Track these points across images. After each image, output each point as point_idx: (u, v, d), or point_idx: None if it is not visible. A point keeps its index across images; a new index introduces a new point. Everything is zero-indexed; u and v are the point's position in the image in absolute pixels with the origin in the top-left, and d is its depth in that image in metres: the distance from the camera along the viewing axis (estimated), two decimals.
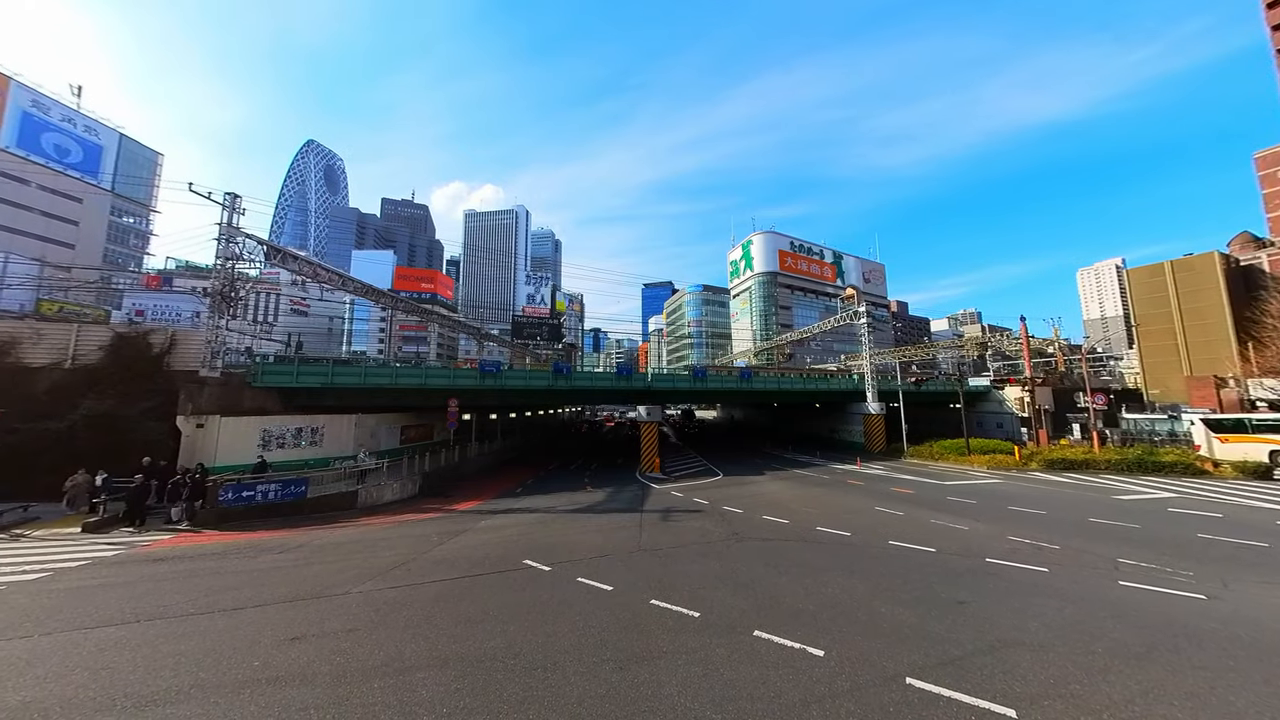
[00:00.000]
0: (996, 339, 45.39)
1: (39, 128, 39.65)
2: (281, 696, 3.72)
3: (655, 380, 26.24)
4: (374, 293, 23.11)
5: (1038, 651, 4.43)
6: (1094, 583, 6.37)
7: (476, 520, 11.62)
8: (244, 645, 4.69)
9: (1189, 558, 7.39)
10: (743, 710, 3.50)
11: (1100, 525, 9.65)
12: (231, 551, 8.80)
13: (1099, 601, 5.69)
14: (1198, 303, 37.99)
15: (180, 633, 5.07)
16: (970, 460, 20.37)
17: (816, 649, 4.42)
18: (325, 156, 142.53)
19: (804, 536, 9.06)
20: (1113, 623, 5.05)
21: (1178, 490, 13.52)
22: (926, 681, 3.84)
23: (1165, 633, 4.79)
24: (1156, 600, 5.74)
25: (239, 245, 16.02)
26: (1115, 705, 3.56)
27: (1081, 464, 17.86)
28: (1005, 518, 10.46)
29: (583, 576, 6.81)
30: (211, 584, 6.85)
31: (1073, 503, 12.07)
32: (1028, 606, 5.54)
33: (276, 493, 12.19)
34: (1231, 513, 10.64)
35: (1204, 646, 4.50)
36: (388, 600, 5.99)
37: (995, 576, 6.64)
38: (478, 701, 3.64)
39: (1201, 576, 6.53)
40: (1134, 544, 8.19)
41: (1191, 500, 12.06)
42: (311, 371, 16.84)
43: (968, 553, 7.79)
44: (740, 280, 74.63)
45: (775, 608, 5.52)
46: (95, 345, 15.62)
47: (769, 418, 44.04)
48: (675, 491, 15.43)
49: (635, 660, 4.29)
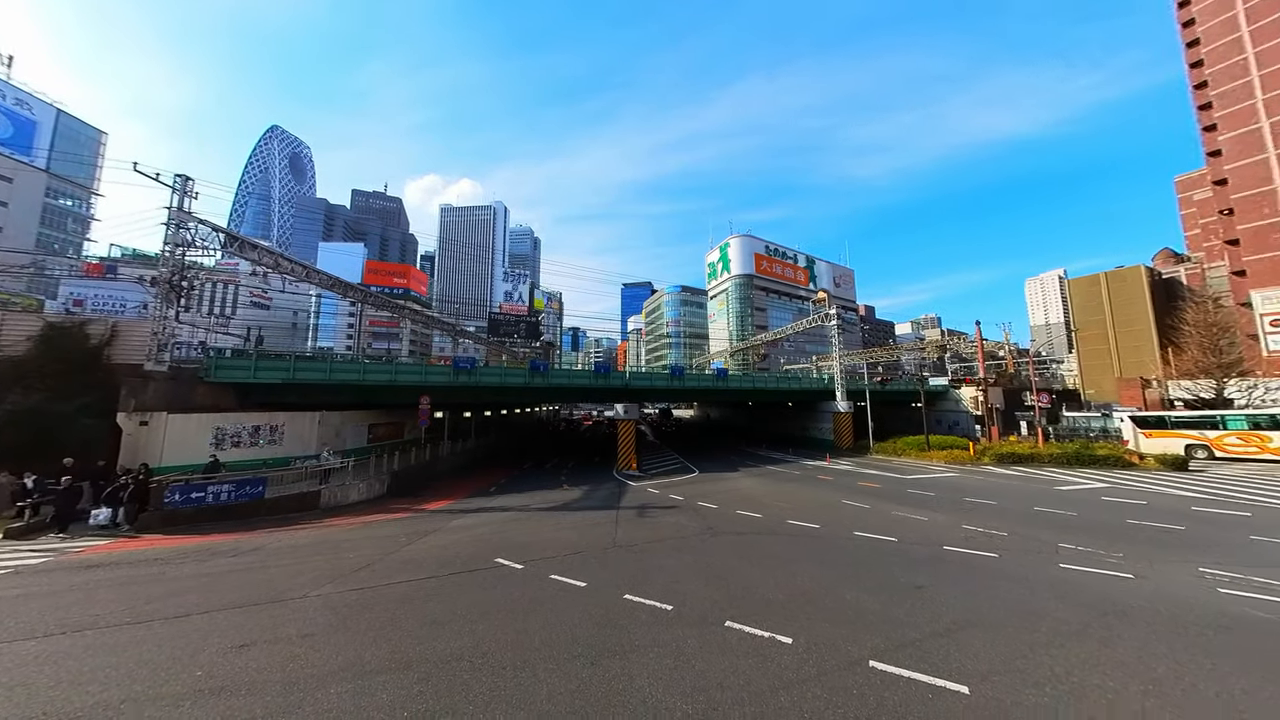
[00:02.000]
0: (954, 342, 48.13)
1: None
2: (224, 707, 3.48)
3: (633, 379, 26.22)
4: (342, 286, 22.06)
5: (988, 631, 4.69)
6: (1038, 566, 6.81)
7: (447, 520, 11.27)
8: (185, 655, 4.36)
9: (1119, 541, 8.02)
10: (713, 699, 3.51)
11: (1043, 513, 10.35)
12: (177, 556, 8.28)
13: (1042, 583, 6.09)
14: (1127, 311, 42.30)
15: (113, 644, 4.66)
16: (930, 456, 21.43)
17: (785, 637, 4.51)
18: (290, 143, 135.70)
19: (775, 530, 9.25)
20: (1055, 602, 5.40)
21: (1110, 481, 14.66)
22: (888, 664, 3.98)
23: (1099, 610, 5.19)
24: (1091, 580, 6.19)
25: (191, 231, 15.07)
26: (1056, 678, 3.81)
27: (1028, 458, 19.14)
28: (960, 508, 11.05)
29: (556, 574, 6.69)
30: (151, 591, 6.36)
31: (1020, 493, 12.89)
32: (980, 590, 5.86)
33: (231, 493, 11.58)
34: (1155, 500, 11.63)
35: (1133, 621, 4.90)
36: (349, 603, 5.74)
37: (951, 563, 6.99)
38: (441, 703, 3.50)
39: (1130, 558, 7.11)
40: (1072, 530, 8.83)
41: (1121, 490, 13.11)
42: (271, 367, 16.03)
43: (926, 541, 8.17)
44: (718, 282, 75.77)
45: (747, 598, 5.59)
46: (23, 335, 14.47)
47: (744, 417, 44.89)
48: (651, 488, 15.45)
49: (607, 655, 4.24)
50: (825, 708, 3.41)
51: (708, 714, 3.34)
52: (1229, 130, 34.74)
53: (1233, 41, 34.95)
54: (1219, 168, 35.16)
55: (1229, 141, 34.50)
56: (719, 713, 3.35)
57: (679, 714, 3.34)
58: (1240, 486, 13.19)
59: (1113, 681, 3.76)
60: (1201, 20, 36.39)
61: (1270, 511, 10.16)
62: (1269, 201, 32.58)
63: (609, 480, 17.66)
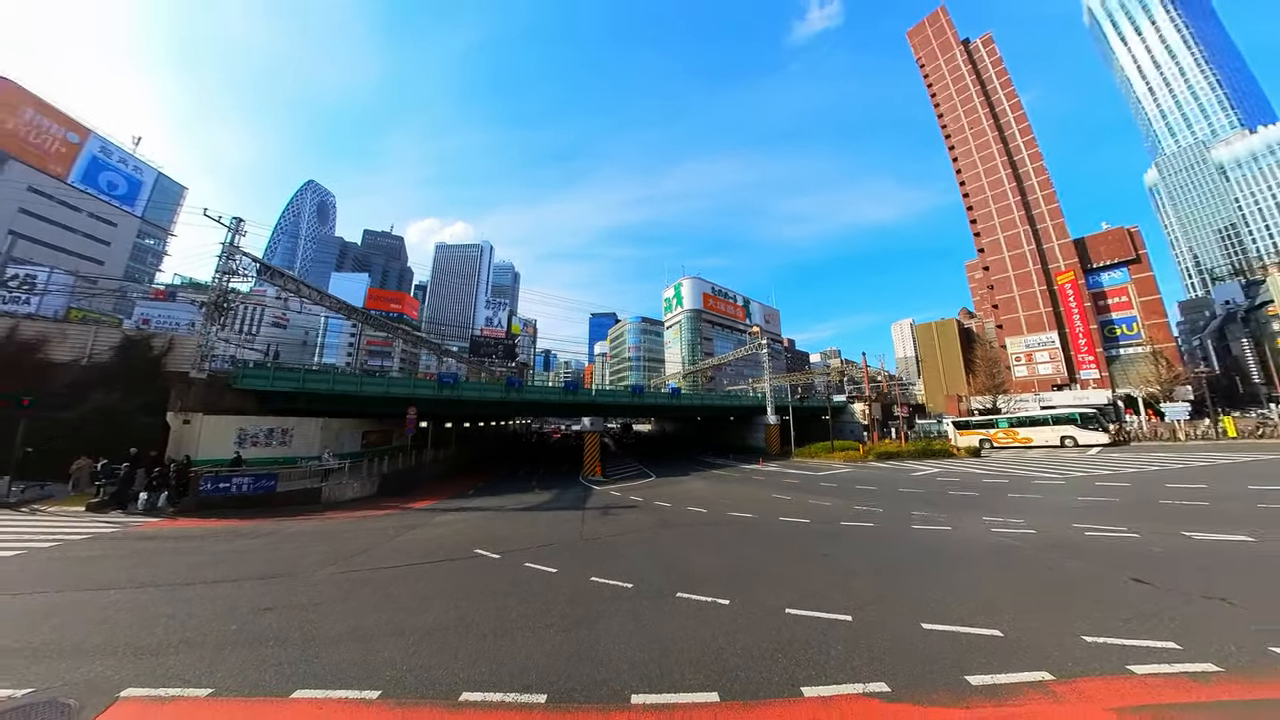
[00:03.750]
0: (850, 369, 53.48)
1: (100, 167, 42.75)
2: (258, 654, 3.74)
3: (598, 395, 26.21)
4: (348, 309, 21.98)
5: (867, 577, 5.42)
6: (900, 529, 7.88)
7: (431, 517, 10.84)
8: (223, 612, 4.68)
9: (945, 507, 9.56)
10: (665, 647, 3.75)
11: (904, 493, 11.87)
12: (210, 535, 8.71)
13: (902, 540, 7.14)
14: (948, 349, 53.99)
15: (168, 599, 5.12)
16: (834, 456, 23.31)
17: (724, 600, 4.83)
18: (320, 194, 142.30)
19: (719, 520, 9.63)
20: (908, 552, 6.45)
21: (941, 467, 17.23)
22: (799, 609, 4.45)
23: (931, 554, 6.38)
24: (929, 535, 7.40)
25: (236, 262, 15.88)
26: (906, 600, 4.62)
27: (895, 454, 21.58)
28: (853, 494, 12.20)
29: (530, 562, 6.59)
30: (192, 561, 6.81)
31: (890, 480, 14.56)
32: (864, 550, 6.67)
33: (249, 485, 11.99)
34: (963, 477, 14.04)
35: (947, 556, 6.28)
36: (349, 580, 5.86)
37: (846, 534, 7.79)
38: (434, 660, 3.60)
39: (949, 517, 8.58)
40: (920, 502, 10.34)
41: (947, 472, 15.58)
42: (285, 377, 16.31)
43: (830, 520, 8.99)
44: (672, 315, 78.39)
45: (695, 575, 5.86)
46: (108, 346, 15.94)
47: (694, 430, 45.82)
48: (614, 491, 15.32)
49: (576, 624, 4.33)
50: (752, 643, 3.78)
51: (660, 659, 3.56)
52: (985, 238, 47.41)
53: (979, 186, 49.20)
54: (983, 259, 48.30)
55: (986, 245, 47.86)
56: (669, 657, 3.59)
57: (637, 660, 3.53)
58: (1005, 465, 16.67)
59: (935, 595, 4.71)
60: (965, 172, 51.27)
61: (1018, 479, 13.05)
62: (1008, 285, 44.87)
63: (576, 485, 17.23)
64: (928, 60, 55.45)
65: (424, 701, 3.00)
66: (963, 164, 50.81)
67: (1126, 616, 3.97)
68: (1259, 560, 5.33)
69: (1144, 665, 3.17)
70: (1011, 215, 45.86)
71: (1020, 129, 46.95)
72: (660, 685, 3.19)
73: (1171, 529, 6.82)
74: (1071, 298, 40.95)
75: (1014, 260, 45.21)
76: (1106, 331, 40.24)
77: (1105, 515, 7.96)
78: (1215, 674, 3.05)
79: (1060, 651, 3.41)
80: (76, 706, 2.81)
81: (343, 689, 3.14)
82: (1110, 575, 5.09)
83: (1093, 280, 41.34)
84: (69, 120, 39.46)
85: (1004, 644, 3.59)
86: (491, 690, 3.13)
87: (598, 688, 3.19)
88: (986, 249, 47.63)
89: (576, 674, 3.36)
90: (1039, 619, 4.03)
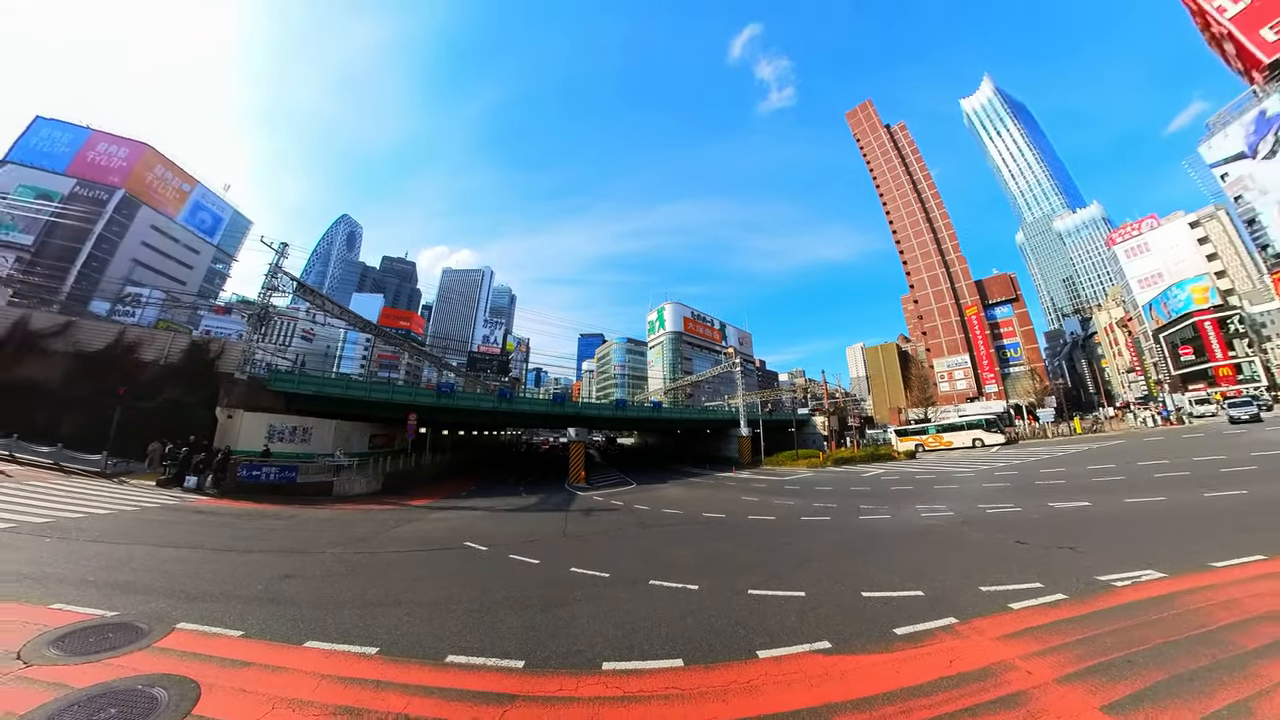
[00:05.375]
0: (812, 386, 55.54)
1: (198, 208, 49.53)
2: (279, 610, 4.12)
3: (584, 407, 26.02)
4: (364, 324, 23.58)
5: (820, 560, 5.65)
6: (849, 520, 8.32)
7: (427, 513, 10.95)
8: (252, 575, 5.13)
9: (886, 500, 10.27)
10: (636, 625, 3.78)
11: (854, 490, 12.49)
12: (244, 514, 9.37)
13: (851, 528, 7.52)
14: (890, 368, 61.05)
15: (212, 559, 5.75)
16: (798, 464, 23.77)
17: (693, 585, 4.88)
18: (350, 224, 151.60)
19: (693, 520, 9.66)
20: (854, 538, 6.84)
21: (885, 469, 18.25)
22: (760, 590, 4.58)
23: (874, 537, 6.90)
24: (873, 523, 7.90)
25: (279, 279, 17.05)
26: (851, 575, 4.91)
27: (850, 460, 22.58)
28: (813, 494, 12.54)
29: (514, 554, 6.49)
30: (231, 533, 7.45)
31: (844, 481, 15.14)
32: (820, 539, 6.95)
33: (275, 475, 12.69)
34: (902, 476, 15.03)
35: (885, 537, 6.95)
36: (355, 560, 6.16)
37: (805, 527, 8.03)
38: (425, 628, 3.77)
39: (889, 508, 9.23)
40: (866, 497, 10.98)
41: (890, 472, 16.68)
42: (309, 381, 17.10)
43: (792, 516, 9.23)
44: (655, 336, 79.23)
45: (668, 566, 5.88)
46: (179, 350, 17.62)
47: (674, 442, 45.56)
48: (597, 496, 15.02)
49: (556, 605, 4.30)
50: (715, 618, 3.88)
51: (631, 634, 3.59)
52: (914, 276, 54.70)
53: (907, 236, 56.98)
54: (914, 294, 55.69)
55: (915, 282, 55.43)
56: (639, 633, 3.62)
57: (610, 635, 3.55)
58: (933, 464, 18.41)
59: (875, 571, 5.02)
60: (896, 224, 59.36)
61: (942, 474, 14.47)
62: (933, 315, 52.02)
63: (561, 491, 16.82)
64: (862, 137, 65.57)
65: (414, 660, 3.19)
66: (894, 218, 59.17)
67: (1009, 569, 4.76)
68: (1094, 519, 6.90)
69: (1019, 602, 3.87)
70: (932, 259, 53.67)
71: (932, 194, 56.87)
72: (630, 655, 3.23)
73: (1042, 502, 8.27)
74: (976, 327, 49.27)
75: (935, 295, 52.78)
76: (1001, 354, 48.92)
77: (1000, 496, 9.38)
78: (1063, 600, 3.87)
79: (963, 601, 3.97)
80: (146, 629, 3.44)
81: (346, 644, 3.38)
82: (1001, 540, 6.06)
83: (990, 313, 50.27)
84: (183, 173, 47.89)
85: (924, 601, 4.04)
86: (475, 655, 3.22)
87: (572, 657, 3.22)
88: (915, 285, 54.76)
89: (553, 645, 3.38)
90: (950, 579, 4.58)
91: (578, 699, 2.72)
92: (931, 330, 52.26)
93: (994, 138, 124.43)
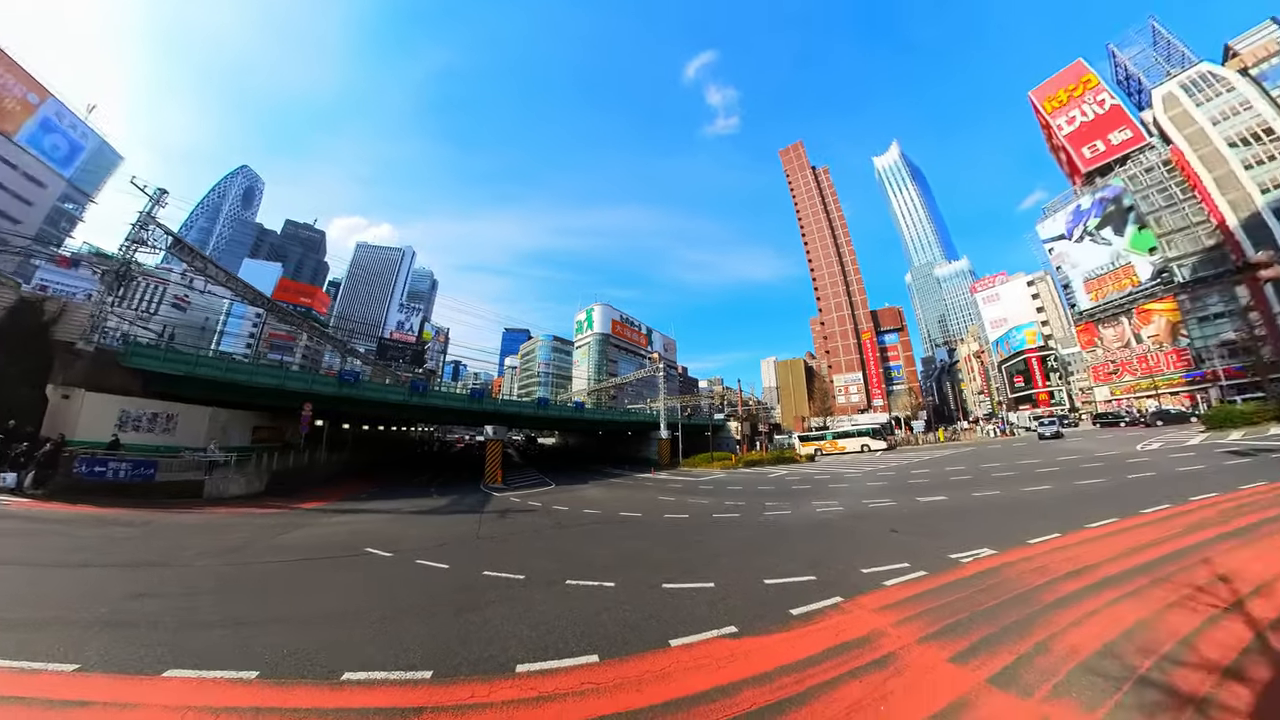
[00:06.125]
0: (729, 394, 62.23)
1: (49, 129, 39.30)
2: (129, 635, 3.50)
3: (504, 404, 24.11)
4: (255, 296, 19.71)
5: (729, 555, 6.28)
6: (756, 516, 9.38)
7: (320, 517, 9.56)
8: (93, 595, 4.33)
9: (788, 497, 11.85)
10: (551, 625, 3.71)
11: (761, 489, 14.19)
12: (78, 520, 7.86)
13: (757, 525, 8.48)
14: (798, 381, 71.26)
15: (39, 578, 4.77)
16: (713, 465, 26.18)
17: (609, 583, 4.98)
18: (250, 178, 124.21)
19: (610, 520, 9.78)
20: (760, 533, 7.66)
21: (789, 470, 21.21)
22: (673, 583, 4.91)
23: (777, 531, 7.71)
24: (776, 518, 8.92)
25: (149, 232, 14.25)
26: (756, 566, 5.52)
27: (759, 462, 25.64)
28: (724, 494, 13.89)
29: (422, 560, 5.84)
30: (58, 544, 6.21)
31: (753, 481, 17.14)
32: (729, 535, 7.71)
33: (127, 472, 10.70)
34: (803, 476, 17.51)
35: (790, 530, 7.63)
36: (228, 573, 5.42)
37: (717, 524, 8.84)
38: (316, 644, 3.39)
39: (791, 504, 10.62)
40: (771, 496, 12.47)
41: (793, 473, 19.26)
42: (178, 359, 14.35)
43: (705, 514, 10.06)
44: (582, 336, 77.87)
45: (585, 566, 5.87)
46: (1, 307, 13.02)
47: (596, 443, 45.42)
48: (514, 497, 14.04)
49: (467, 609, 4.02)
50: (631, 613, 4.04)
51: (546, 634, 3.51)
52: (823, 301, 66.80)
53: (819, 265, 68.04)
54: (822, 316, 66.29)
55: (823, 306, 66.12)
56: (555, 632, 3.56)
57: (524, 637, 3.43)
58: (829, 466, 21.08)
59: (774, 562, 5.75)
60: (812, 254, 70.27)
61: (836, 474, 16.56)
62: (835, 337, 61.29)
63: (476, 491, 15.26)
64: (791, 173, 76.71)
65: (304, 681, 2.88)
66: (811, 249, 70.16)
67: (885, 553, 5.70)
68: (949, 510, 8.38)
69: (892, 579, 4.68)
70: (839, 288, 62.99)
71: (844, 232, 68.76)
72: (545, 655, 3.17)
73: (913, 498, 9.89)
74: (870, 350, 58.87)
75: (839, 320, 61.86)
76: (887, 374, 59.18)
77: (880, 493, 11.03)
78: (924, 575, 4.77)
79: (848, 582, 4.69)
80: None
81: (218, 670, 2.98)
82: (880, 530, 7.16)
83: (881, 339, 60.48)
84: (32, 80, 36.81)
85: (816, 584, 4.69)
86: (376, 670, 3.00)
87: (484, 662, 3.04)
88: (823, 310, 63.79)
89: (463, 652, 3.16)
90: (839, 564, 5.38)
91: (491, 704, 2.61)
92: (834, 350, 61.16)
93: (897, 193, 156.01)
